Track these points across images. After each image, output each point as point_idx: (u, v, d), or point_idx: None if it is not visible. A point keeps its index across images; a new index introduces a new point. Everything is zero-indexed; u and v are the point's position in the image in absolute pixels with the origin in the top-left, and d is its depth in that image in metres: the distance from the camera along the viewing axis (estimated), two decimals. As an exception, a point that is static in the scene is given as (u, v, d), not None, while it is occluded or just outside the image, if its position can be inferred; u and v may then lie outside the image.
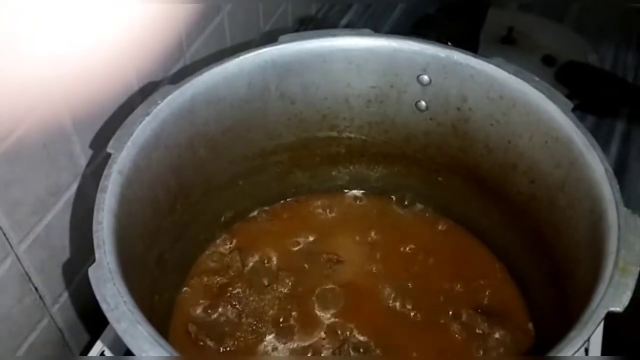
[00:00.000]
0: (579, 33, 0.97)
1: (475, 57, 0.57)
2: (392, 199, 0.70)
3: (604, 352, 0.57)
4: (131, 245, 0.49)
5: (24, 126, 0.48)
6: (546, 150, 0.55)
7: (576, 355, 0.40)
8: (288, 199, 0.70)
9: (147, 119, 0.52)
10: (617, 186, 0.48)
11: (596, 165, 0.50)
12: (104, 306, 0.42)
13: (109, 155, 0.50)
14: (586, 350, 0.56)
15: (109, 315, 0.41)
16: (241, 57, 0.57)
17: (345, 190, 0.71)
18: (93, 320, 0.54)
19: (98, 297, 0.42)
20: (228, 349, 0.58)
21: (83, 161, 0.57)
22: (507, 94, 0.56)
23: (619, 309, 0.42)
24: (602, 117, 0.85)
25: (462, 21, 0.84)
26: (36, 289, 0.56)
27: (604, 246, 0.46)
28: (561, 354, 0.40)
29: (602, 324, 0.43)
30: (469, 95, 0.58)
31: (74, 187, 0.57)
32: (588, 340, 0.42)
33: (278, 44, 0.58)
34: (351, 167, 0.69)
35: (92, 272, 0.43)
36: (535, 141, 0.56)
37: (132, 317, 0.41)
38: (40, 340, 0.58)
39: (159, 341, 0.41)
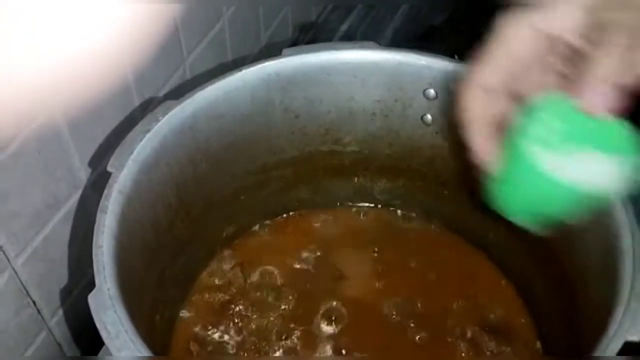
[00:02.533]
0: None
1: (482, 71, 0.56)
2: (396, 212, 0.69)
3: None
4: (131, 265, 0.49)
5: (21, 138, 0.48)
6: (556, 167, 0.53)
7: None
8: (291, 213, 0.68)
9: (148, 136, 0.51)
10: (631, 208, 0.47)
11: (609, 185, 0.49)
12: (104, 334, 0.41)
13: (109, 173, 0.49)
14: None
15: (109, 343, 0.41)
16: (244, 71, 0.56)
17: (349, 204, 0.69)
18: (92, 334, 0.53)
19: (98, 325, 0.41)
20: (231, 367, 0.57)
21: (82, 174, 0.56)
22: (514, 110, 0.55)
23: (636, 338, 0.40)
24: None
25: (468, 32, 0.82)
26: (34, 302, 0.55)
27: (618, 269, 0.44)
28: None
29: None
30: (476, 109, 0.57)
31: (72, 200, 0.56)
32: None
33: (282, 57, 0.57)
34: (355, 181, 0.67)
35: (92, 299, 0.42)
36: (544, 157, 0.54)
37: (134, 346, 0.40)
38: (39, 354, 0.57)
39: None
